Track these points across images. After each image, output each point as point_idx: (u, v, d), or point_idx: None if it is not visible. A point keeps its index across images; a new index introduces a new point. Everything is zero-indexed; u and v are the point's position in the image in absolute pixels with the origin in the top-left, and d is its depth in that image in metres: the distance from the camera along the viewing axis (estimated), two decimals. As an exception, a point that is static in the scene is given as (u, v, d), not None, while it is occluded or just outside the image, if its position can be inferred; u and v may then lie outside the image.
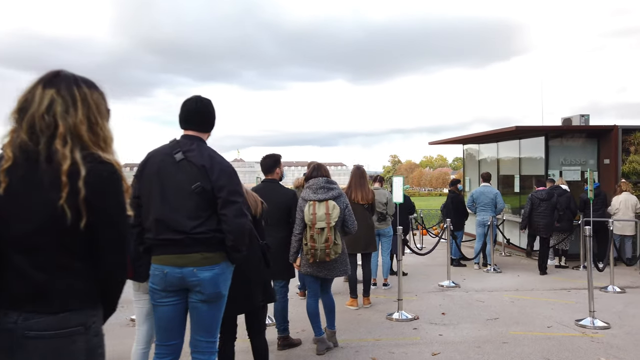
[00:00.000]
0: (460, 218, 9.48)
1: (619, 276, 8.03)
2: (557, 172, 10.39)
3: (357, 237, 5.81)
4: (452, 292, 6.93)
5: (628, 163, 9.91)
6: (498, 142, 12.45)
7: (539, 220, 8.61)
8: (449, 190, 9.76)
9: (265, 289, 3.17)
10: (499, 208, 8.96)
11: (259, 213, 3.21)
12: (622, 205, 9.17)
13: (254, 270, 3.03)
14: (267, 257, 3.15)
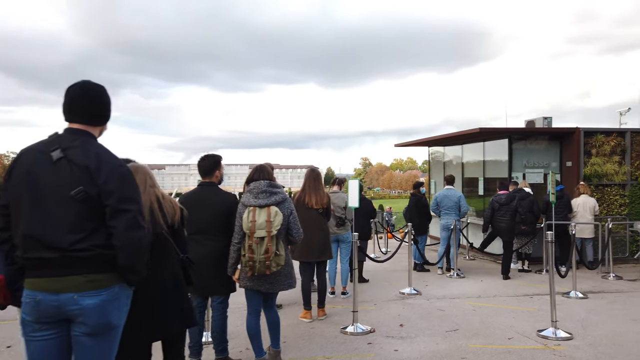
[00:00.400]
0: (423, 221, 9.24)
1: (582, 280, 7.92)
2: (521, 174, 10.30)
3: (311, 244, 5.44)
4: (413, 300, 6.63)
5: (590, 165, 9.90)
6: (463, 144, 12.33)
7: (500, 224, 8.49)
8: (412, 194, 9.50)
9: (184, 312, 2.71)
10: (463, 211, 8.75)
11: (177, 221, 2.76)
12: (581, 208, 9.11)
13: (168, 291, 2.58)
14: (188, 274, 2.72)
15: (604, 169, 9.90)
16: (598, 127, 10.09)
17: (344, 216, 6.81)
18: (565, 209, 9.11)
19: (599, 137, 9.97)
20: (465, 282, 8.04)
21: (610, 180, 9.93)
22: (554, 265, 5.14)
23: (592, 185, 9.86)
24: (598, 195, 9.87)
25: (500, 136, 10.52)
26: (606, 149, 9.96)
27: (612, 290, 7.25)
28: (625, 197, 9.99)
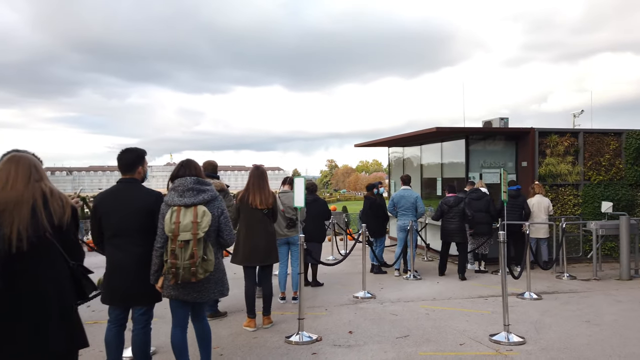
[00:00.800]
0: (380, 223, 9.01)
1: (536, 281, 7.88)
2: (478, 174, 10.26)
3: (255, 246, 5.07)
4: (366, 305, 6.35)
5: (544, 165, 9.95)
6: (422, 145, 12.24)
7: (450, 226, 8.43)
8: (365, 196, 9.25)
9: (71, 330, 2.28)
10: (420, 212, 8.57)
11: (66, 222, 2.34)
12: (535, 208, 9.11)
13: (50, 305, 2.16)
14: (82, 284, 2.30)
15: (558, 169, 9.98)
16: (552, 128, 10.17)
17: (295, 217, 6.47)
18: (520, 208, 9.10)
19: (553, 137, 10.04)
20: (421, 284, 7.85)
21: (564, 180, 10.02)
22: (505, 267, 4.95)
23: (547, 185, 9.92)
24: (552, 195, 9.93)
25: (457, 136, 10.46)
26: (560, 149, 10.04)
27: (566, 290, 7.21)
28: (578, 197, 10.09)
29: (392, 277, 8.51)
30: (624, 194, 10.05)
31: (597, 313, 5.79)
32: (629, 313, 5.77)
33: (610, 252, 9.95)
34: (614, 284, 7.68)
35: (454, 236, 8.45)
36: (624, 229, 8.00)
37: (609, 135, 10.32)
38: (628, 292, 6.98)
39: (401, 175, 13.41)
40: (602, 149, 10.25)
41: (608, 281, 7.89)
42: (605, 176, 10.17)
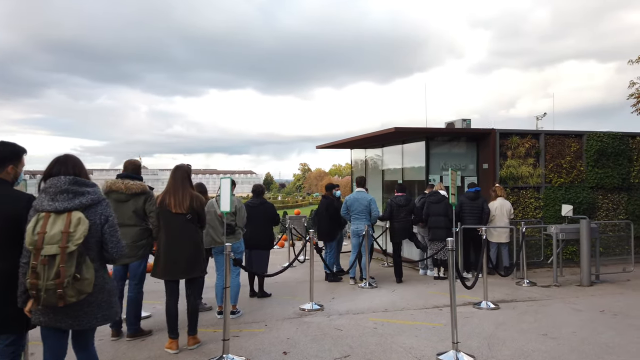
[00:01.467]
0: (334, 227, 8.51)
1: (496, 288, 7.52)
2: (438, 176, 9.90)
3: (176, 257, 4.47)
4: (312, 318, 5.81)
5: (505, 167, 9.66)
6: (383, 147, 11.85)
7: (397, 224, 8.22)
8: (323, 196, 8.75)
9: None
10: (374, 216, 8.10)
11: None
12: (498, 212, 8.79)
13: None
14: None
15: (519, 171, 9.71)
16: (513, 129, 9.90)
17: (234, 223, 5.89)
18: (480, 211, 8.76)
19: (514, 138, 9.77)
20: (376, 292, 7.37)
21: (525, 182, 9.75)
22: (454, 279, 4.50)
23: (508, 188, 9.63)
24: (514, 198, 9.65)
25: (418, 138, 10.08)
26: (521, 151, 9.78)
27: (525, 298, 6.84)
28: (539, 200, 9.85)
29: (346, 285, 8.02)
30: (585, 196, 9.85)
31: (555, 325, 5.41)
32: (588, 324, 5.41)
33: (571, 256, 9.74)
34: (574, 290, 7.38)
35: (398, 235, 8.31)
36: (584, 233, 7.73)
37: (570, 137, 10.13)
38: (588, 300, 6.67)
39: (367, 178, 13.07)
40: (563, 151, 10.05)
41: (568, 287, 7.60)
42: (566, 179, 9.97)
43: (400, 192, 8.67)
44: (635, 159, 10.37)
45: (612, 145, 10.01)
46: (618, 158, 10.12)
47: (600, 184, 10.04)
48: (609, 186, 10.10)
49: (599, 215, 10.09)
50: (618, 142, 10.07)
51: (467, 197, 8.82)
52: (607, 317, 5.70)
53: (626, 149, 10.17)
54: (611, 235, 10.20)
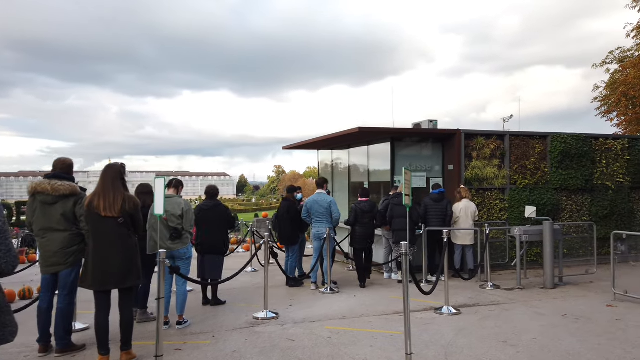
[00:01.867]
0: (295, 230, 8.19)
1: (459, 291, 7.33)
2: (403, 178, 9.68)
3: (106, 266, 4.06)
4: (264, 328, 5.46)
5: (470, 169, 9.54)
6: (349, 148, 11.60)
7: (363, 231, 8.05)
8: (284, 199, 8.42)
9: None
10: (335, 218, 7.82)
11: None
12: (463, 213, 8.64)
13: None
14: None
15: (485, 172, 9.60)
16: (478, 130, 9.79)
17: (181, 227, 5.49)
18: (444, 213, 8.59)
19: (479, 139, 9.66)
20: (337, 298, 7.07)
21: (491, 184, 9.65)
22: (408, 285, 4.23)
23: (473, 189, 9.51)
24: (479, 200, 9.53)
25: (383, 139, 9.86)
26: (486, 152, 9.67)
27: (488, 302, 6.66)
28: (505, 202, 9.76)
29: (307, 290, 7.70)
30: (549, 198, 9.82)
31: (516, 330, 5.22)
32: (550, 330, 5.24)
33: (536, 258, 9.68)
34: (538, 293, 7.25)
35: (360, 241, 8.18)
36: (547, 234, 7.63)
37: (535, 139, 10.10)
38: (551, 304, 6.53)
39: (334, 180, 12.81)
40: (528, 152, 10.00)
41: (532, 290, 7.47)
42: (531, 180, 9.92)
43: (364, 196, 8.46)
44: (598, 161, 10.42)
45: (576, 147, 10.02)
46: (581, 160, 10.14)
47: (564, 185, 10.03)
48: (573, 188, 10.10)
49: (563, 217, 10.08)
50: (581, 144, 10.09)
51: (431, 198, 8.65)
52: (568, 322, 5.55)
53: (589, 151, 10.20)
54: (575, 236, 10.21)
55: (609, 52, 18.91)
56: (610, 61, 18.93)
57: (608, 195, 10.33)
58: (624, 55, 18.24)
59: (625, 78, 15.45)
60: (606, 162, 10.46)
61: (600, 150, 10.46)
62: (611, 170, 10.49)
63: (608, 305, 6.31)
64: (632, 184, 10.69)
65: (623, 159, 10.60)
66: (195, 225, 6.94)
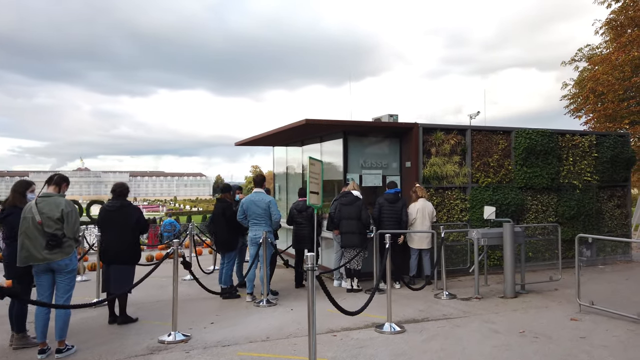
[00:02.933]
0: (233, 235, 7.25)
1: (412, 301, 6.53)
2: (357, 175, 8.86)
3: None
4: (163, 355, 4.51)
5: (429, 166, 8.76)
6: (303, 145, 10.72)
7: (299, 231, 7.56)
8: (218, 199, 7.46)
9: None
10: (275, 220, 6.92)
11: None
12: (419, 214, 7.85)
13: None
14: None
15: (444, 170, 8.83)
16: (438, 124, 9.02)
17: (61, 232, 4.48)
18: (399, 215, 7.78)
19: (438, 134, 8.89)
20: (271, 312, 6.17)
21: (451, 182, 8.89)
22: (314, 302, 3.36)
23: (432, 188, 8.74)
24: (438, 200, 8.76)
25: (336, 135, 9.00)
26: (446, 148, 8.91)
27: (439, 316, 5.85)
28: (466, 202, 9.02)
29: (243, 303, 6.78)
30: (513, 197, 9.12)
31: (465, 354, 4.41)
32: (503, 354, 4.44)
33: (499, 262, 8.95)
34: (497, 303, 6.49)
35: (305, 243, 7.61)
36: (507, 238, 6.88)
37: (498, 134, 9.39)
38: (509, 317, 5.76)
39: (287, 179, 11.92)
40: (490, 149, 9.29)
41: (491, 300, 6.71)
42: (493, 178, 9.20)
43: (301, 196, 7.87)
44: (564, 158, 9.79)
45: (541, 143, 9.35)
46: (547, 157, 9.48)
47: (529, 184, 9.36)
48: (538, 186, 9.44)
49: (528, 218, 9.41)
50: (547, 140, 9.43)
51: (386, 199, 7.82)
52: (526, 342, 4.76)
53: (555, 147, 9.56)
54: (541, 238, 9.56)
55: (577, 50, 18.57)
56: (580, 59, 18.57)
57: (575, 194, 9.72)
58: (592, 53, 17.89)
59: (593, 74, 15.00)
60: (573, 159, 9.85)
61: (567, 146, 9.84)
62: (578, 168, 9.88)
63: (572, 319, 5.58)
64: (600, 183, 10.11)
65: (590, 156, 10.00)
66: (99, 230, 5.97)
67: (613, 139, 10.26)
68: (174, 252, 5.03)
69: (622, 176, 10.36)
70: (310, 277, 3.36)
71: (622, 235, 10.36)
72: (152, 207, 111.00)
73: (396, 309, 6.13)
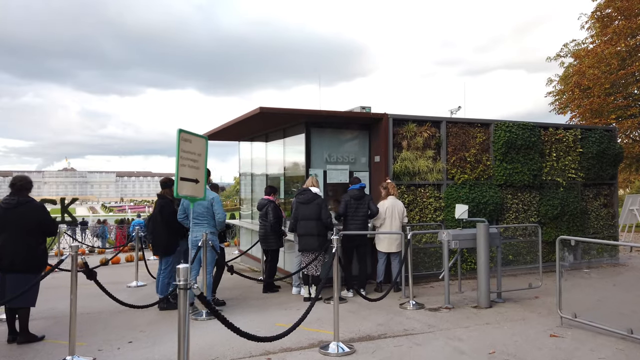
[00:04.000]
0: (172, 236, 6.38)
1: (373, 312, 5.72)
2: (321, 171, 8.04)
3: None
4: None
5: (400, 161, 7.96)
6: (267, 141, 9.88)
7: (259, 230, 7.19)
8: (158, 195, 6.57)
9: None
10: (218, 220, 6.07)
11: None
12: (389, 214, 7.06)
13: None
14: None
15: (416, 165, 8.05)
16: (410, 115, 8.22)
17: None
18: (365, 213, 6.98)
19: (410, 126, 8.10)
20: (205, 328, 5.32)
21: (424, 179, 8.11)
22: (184, 336, 2.53)
23: (403, 185, 7.95)
24: (410, 197, 7.97)
25: (299, 128, 8.16)
26: (419, 141, 8.12)
27: (399, 332, 5.04)
28: (440, 200, 8.24)
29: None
30: (492, 196, 8.35)
31: (418, 383, 3.60)
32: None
33: (475, 266, 8.18)
34: (468, 315, 5.69)
35: (265, 242, 7.29)
36: (481, 239, 6.10)
37: (476, 127, 8.63)
38: (479, 332, 4.97)
39: (253, 174, 11.04)
40: (467, 143, 8.52)
41: (462, 310, 5.92)
42: (470, 175, 8.44)
43: (267, 195, 7.44)
44: (547, 154, 9.06)
45: (522, 137, 8.61)
46: (529, 152, 8.74)
47: (509, 181, 8.61)
48: (519, 184, 8.69)
49: (508, 217, 8.66)
50: (529, 134, 8.69)
51: (351, 196, 7.01)
52: (495, 365, 3.97)
53: (538, 142, 8.82)
54: (522, 240, 8.81)
55: (563, 45, 17.96)
56: (565, 54, 17.97)
57: (558, 193, 8.99)
58: (578, 49, 17.29)
59: (579, 67, 14.35)
60: (556, 154, 9.12)
61: (550, 141, 9.11)
62: (562, 164, 9.16)
63: (552, 335, 4.80)
64: (585, 181, 9.40)
65: (575, 152, 9.29)
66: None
67: (599, 133, 9.57)
68: (72, 260, 4.15)
69: (609, 173, 9.67)
70: (183, 299, 2.52)
71: (608, 237, 9.66)
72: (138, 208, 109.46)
73: (352, 322, 5.33)
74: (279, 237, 7.47)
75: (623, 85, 13.68)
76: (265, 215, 7.36)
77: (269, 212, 7.32)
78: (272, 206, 7.38)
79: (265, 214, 7.34)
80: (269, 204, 7.41)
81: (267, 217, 7.32)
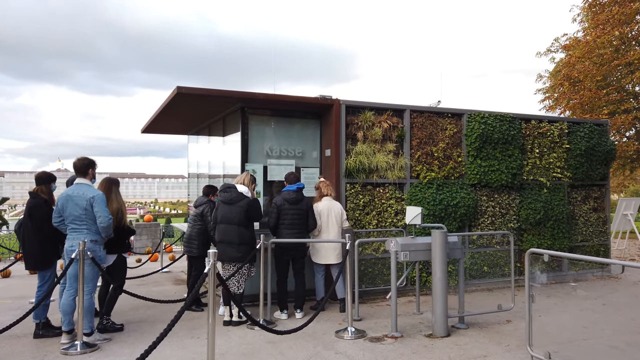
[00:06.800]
0: (47, 245, 5.07)
1: (298, 343, 4.47)
2: (260, 167, 6.81)
3: None
4: None
5: (354, 155, 6.75)
6: (225, 136, 8.63)
7: None
8: (31, 193, 5.26)
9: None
10: (101, 225, 4.72)
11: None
12: (323, 218, 5.83)
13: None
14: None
15: (374, 160, 6.84)
16: (366, 101, 7.01)
17: None
18: (303, 219, 5.76)
19: (367, 114, 6.89)
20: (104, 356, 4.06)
21: (383, 177, 6.90)
22: None
23: (357, 183, 6.74)
24: (365, 199, 6.76)
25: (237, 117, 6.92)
26: (377, 132, 6.92)
27: (317, 374, 3.79)
28: (402, 202, 7.02)
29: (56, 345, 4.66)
30: (464, 197, 7.14)
31: None
32: None
33: (443, 280, 6.95)
34: (417, 348, 4.46)
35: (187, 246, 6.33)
36: (437, 251, 4.87)
37: (446, 117, 7.43)
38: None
39: (190, 173, 9.84)
40: (436, 135, 7.32)
41: (412, 340, 4.69)
42: (438, 173, 7.23)
43: (207, 195, 6.49)
44: (529, 150, 7.87)
45: (500, 130, 7.42)
46: (507, 147, 7.55)
47: (484, 180, 7.40)
48: (496, 184, 7.49)
49: (483, 223, 7.46)
50: (507, 126, 7.51)
51: (285, 198, 5.77)
52: None
53: (518, 136, 7.63)
54: (499, 249, 7.61)
55: (554, 40, 16.84)
56: (556, 49, 16.85)
57: (542, 195, 7.79)
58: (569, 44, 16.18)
59: (568, 59, 13.20)
60: (540, 151, 7.93)
61: (533, 135, 7.92)
62: (546, 162, 7.97)
63: (516, 383, 3.58)
64: (573, 181, 8.21)
65: (561, 148, 8.11)
66: None
67: (589, 127, 8.39)
68: None
69: (600, 173, 8.48)
70: None
71: (599, 245, 8.48)
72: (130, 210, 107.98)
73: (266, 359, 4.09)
74: (206, 243, 6.25)
75: (616, 77, 12.52)
76: (199, 216, 6.27)
77: (206, 213, 6.17)
78: (210, 207, 6.21)
79: (201, 215, 6.24)
80: (208, 203, 6.28)
81: (203, 218, 6.21)
